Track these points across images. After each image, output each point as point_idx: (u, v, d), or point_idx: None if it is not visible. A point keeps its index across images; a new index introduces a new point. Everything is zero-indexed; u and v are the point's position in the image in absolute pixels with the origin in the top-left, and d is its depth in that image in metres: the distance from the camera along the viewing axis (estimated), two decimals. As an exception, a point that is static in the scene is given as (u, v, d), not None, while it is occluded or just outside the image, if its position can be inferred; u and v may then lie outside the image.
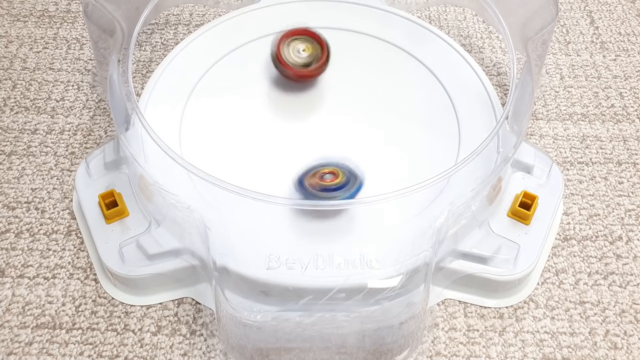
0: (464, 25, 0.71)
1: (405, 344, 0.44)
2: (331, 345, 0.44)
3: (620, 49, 0.69)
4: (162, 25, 0.70)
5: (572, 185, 0.56)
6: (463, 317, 0.48)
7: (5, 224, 0.53)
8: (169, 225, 0.47)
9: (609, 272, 0.50)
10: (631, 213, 0.54)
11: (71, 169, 0.57)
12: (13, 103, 0.62)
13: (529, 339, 0.47)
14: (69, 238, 0.52)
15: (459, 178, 0.47)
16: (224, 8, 0.70)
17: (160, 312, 0.48)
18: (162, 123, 0.52)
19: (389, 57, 0.60)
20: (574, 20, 0.72)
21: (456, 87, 0.56)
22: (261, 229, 0.46)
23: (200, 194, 0.47)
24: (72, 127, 0.60)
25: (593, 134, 0.60)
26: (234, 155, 0.51)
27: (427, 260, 0.43)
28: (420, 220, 0.46)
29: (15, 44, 0.68)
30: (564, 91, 0.64)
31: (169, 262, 0.47)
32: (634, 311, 0.48)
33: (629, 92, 0.64)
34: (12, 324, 0.47)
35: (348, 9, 0.64)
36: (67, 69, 0.65)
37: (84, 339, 0.46)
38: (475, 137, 0.51)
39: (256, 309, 0.43)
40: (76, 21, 0.71)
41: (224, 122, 0.54)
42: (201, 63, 0.58)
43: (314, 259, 0.44)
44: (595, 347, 0.46)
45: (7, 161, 0.57)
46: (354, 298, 0.42)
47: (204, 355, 0.45)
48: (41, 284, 0.49)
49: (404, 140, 0.53)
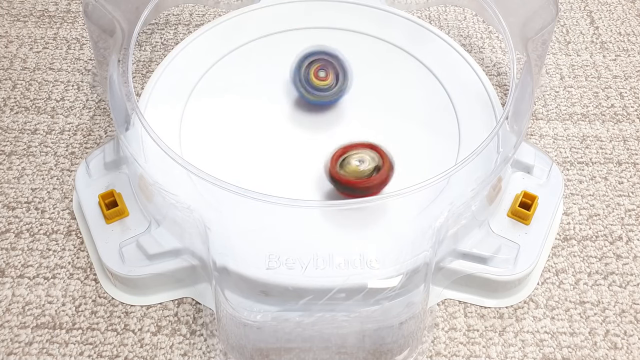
0: (464, 25, 0.71)
1: (405, 344, 0.44)
2: (331, 345, 0.44)
3: (620, 49, 0.69)
4: (162, 25, 0.70)
5: (572, 185, 0.56)
6: (463, 317, 0.48)
7: (5, 224, 0.53)
8: (169, 225, 0.47)
9: (609, 272, 0.50)
10: (631, 213, 0.54)
11: (71, 169, 0.57)
12: (13, 103, 0.62)
13: (529, 339, 0.47)
14: (69, 238, 0.52)
15: (459, 178, 0.47)
16: (224, 8, 0.70)
17: (160, 312, 0.48)
18: (162, 123, 0.52)
19: (389, 57, 0.60)
20: (574, 20, 0.72)
21: (456, 87, 0.56)
22: (261, 229, 0.46)
23: (200, 194, 0.47)
24: (72, 127, 0.60)
25: (593, 134, 0.60)
26: (234, 155, 0.51)
27: (427, 260, 0.43)
28: (420, 220, 0.46)
29: (15, 44, 0.68)
30: (564, 91, 0.64)
31: (169, 262, 0.47)
32: (634, 311, 0.48)
33: (629, 92, 0.64)
34: (12, 324, 0.47)
35: (348, 9, 0.64)
36: (67, 69, 0.65)
37: (84, 339, 0.46)
38: (475, 137, 0.51)
39: (256, 309, 0.43)
40: (76, 21, 0.71)
41: (224, 122, 0.54)
42: (201, 63, 0.58)
43: (314, 259, 0.44)
44: (595, 347, 0.46)
45: (7, 161, 0.57)
46: (354, 298, 0.42)
47: (204, 355, 0.45)
48: (41, 284, 0.49)
49: (404, 140, 0.53)
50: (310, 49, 0.53)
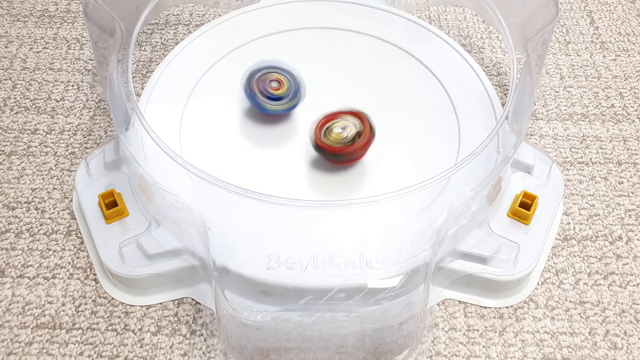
0: (464, 25, 0.71)
1: (405, 344, 0.44)
2: (331, 345, 0.44)
3: (620, 49, 0.69)
4: (162, 25, 0.70)
5: (572, 185, 0.56)
6: (463, 317, 0.48)
7: (5, 224, 0.53)
8: (169, 225, 0.47)
9: (609, 272, 0.50)
10: (631, 213, 0.54)
11: (71, 169, 0.57)
12: (13, 103, 0.62)
13: (529, 339, 0.47)
14: (69, 238, 0.52)
15: (459, 178, 0.47)
16: (224, 8, 0.70)
17: (160, 312, 0.48)
18: (162, 123, 0.52)
19: (389, 57, 0.60)
20: (574, 20, 0.72)
21: (456, 87, 0.56)
22: (261, 229, 0.46)
23: (200, 194, 0.47)
24: (72, 127, 0.60)
25: (593, 134, 0.60)
26: (234, 155, 0.51)
27: (427, 260, 0.43)
28: (420, 220, 0.46)
29: (15, 44, 0.68)
30: (564, 91, 0.64)
31: (169, 262, 0.47)
32: (634, 311, 0.48)
33: (629, 92, 0.64)
34: (12, 324, 0.47)
35: (348, 9, 0.64)
36: (67, 69, 0.65)
37: (84, 339, 0.46)
38: (475, 137, 0.51)
39: (256, 309, 0.43)
40: (76, 21, 0.71)
41: (223, 122, 0.54)
42: (201, 63, 0.58)
43: (313, 259, 0.44)
44: (595, 347, 0.46)
45: (7, 161, 0.57)
46: (353, 298, 0.42)
47: (204, 355, 0.45)
48: (41, 284, 0.49)
49: (404, 140, 0.53)
50: (259, 64, 0.53)
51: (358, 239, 0.45)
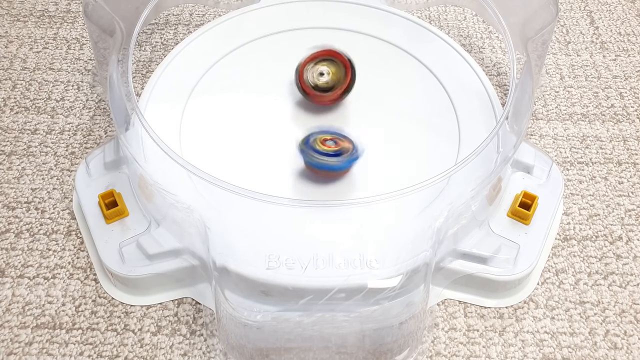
0: (464, 25, 0.71)
1: (405, 344, 0.44)
2: (331, 345, 0.44)
3: (620, 49, 0.69)
4: (162, 25, 0.70)
5: (572, 185, 0.56)
6: (463, 317, 0.48)
7: (5, 224, 0.53)
8: (169, 225, 0.47)
9: (609, 272, 0.50)
10: (631, 213, 0.54)
11: (71, 169, 0.57)
12: (13, 103, 0.62)
13: (529, 339, 0.47)
14: (69, 238, 0.52)
15: (459, 178, 0.47)
16: (224, 8, 0.70)
17: (160, 312, 0.48)
18: (162, 123, 0.52)
19: (389, 57, 0.60)
20: (574, 20, 0.72)
21: (456, 87, 0.56)
22: (261, 229, 0.46)
23: (200, 194, 0.47)
24: (72, 127, 0.60)
25: (593, 134, 0.60)
26: (234, 155, 0.51)
27: (427, 260, 0.43)
28: (420, 220, 0.46)
29: (15, 44, 0.68)
30: (564, 91, 0.64)
31: (169, 262, 0.47)
32: (634, 311, 0.48)
33: (629, 92, 0.64)
34: (12, 324, 0.47)
35: (348, 9, 0.64)
36: (67, 69, 0.65)
37: (84, 339, 0.46)
38: (475, 137, 0.51)
39: (256, 309, 0.43)
40: (76, 21, 0.71)
41: (224, 122, 0.54)
42: (201, 63, 0.58)
43: (313, 259, 0.44)
44: (595, 347, 0.46)
45: (7, 161, 0.57)
46: (353, 298, 0.42)
47: (204, 355, 0.45)
48: (41, 284, 0.49)
49: (404, 140, 0.53)
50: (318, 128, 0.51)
51: (358, 239, 0.45)
